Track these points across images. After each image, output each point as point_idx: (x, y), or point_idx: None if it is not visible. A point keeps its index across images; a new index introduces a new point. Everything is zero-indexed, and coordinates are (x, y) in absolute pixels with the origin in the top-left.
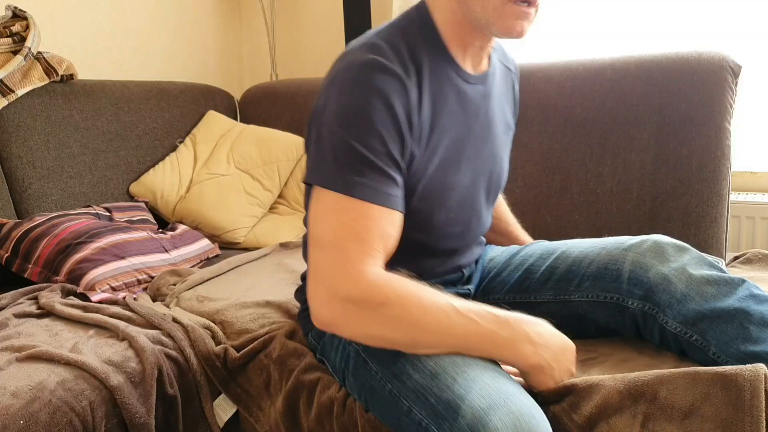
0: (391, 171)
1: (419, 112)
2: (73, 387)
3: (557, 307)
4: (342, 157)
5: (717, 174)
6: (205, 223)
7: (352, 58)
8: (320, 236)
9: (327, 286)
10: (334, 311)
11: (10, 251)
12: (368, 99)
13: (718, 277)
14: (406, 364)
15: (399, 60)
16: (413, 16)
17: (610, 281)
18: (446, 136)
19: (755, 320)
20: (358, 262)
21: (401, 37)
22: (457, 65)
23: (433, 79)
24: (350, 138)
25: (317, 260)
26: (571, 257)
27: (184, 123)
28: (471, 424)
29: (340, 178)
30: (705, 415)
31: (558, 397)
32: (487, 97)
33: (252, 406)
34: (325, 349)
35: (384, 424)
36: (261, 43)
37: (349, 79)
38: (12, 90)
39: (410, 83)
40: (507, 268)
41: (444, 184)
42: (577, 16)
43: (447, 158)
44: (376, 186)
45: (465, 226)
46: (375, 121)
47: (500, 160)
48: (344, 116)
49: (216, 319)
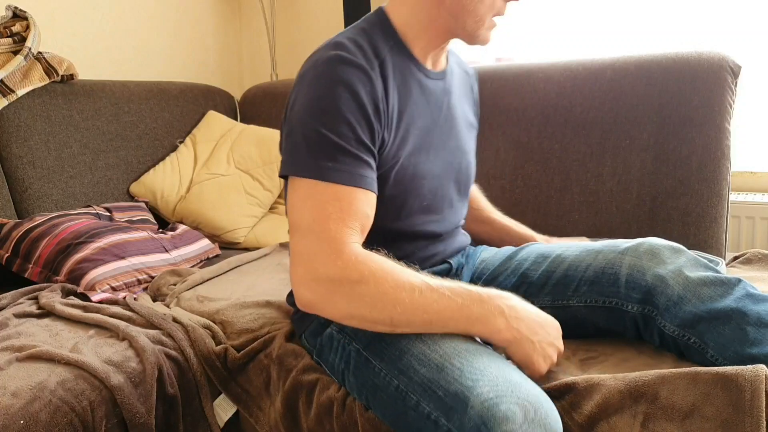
0: (362, 154)
1: (386, 100)
2: (73, 387)
3: (556, 312)
4: (314, 145)
5: (717, 174)
6: (205, 223)
7: (318, 56)
8: (298, 222)
9: (307, 267)
10: (315, 291)
11: (10, 251)
12: (335, 89)
13: (714, 278)
14: (411, 360)
15: (362, 54)
16: (373, 19)
17: (607, 285)
18: (414, 125)
19: (752, 321)
20: (335, 242)
21: (363, 36)
22: (418, 61)
23: (396, 72)
24: (320, 127)
25: (297, 245)
26: (567, 261)
27: (184, 123)
28: (481, 414)
29: (313, 165)
30: (705, 416)
31: (558, 394)
32: (448, 92)
33: (252, 406)
34: (323, 350)
35: (384, 423)
36: (261, 43)
37: (316, 74)
38: (12, 90)
39: (374, 74)
40: (503, 272)
41: (416, 173)
42: (578, 16)
43: (416, 147)
44: (348, 169)
45: (439, 215)
46: (342, 109)
47: (466, 154)
48: (313, 108)
49: (216, 319)
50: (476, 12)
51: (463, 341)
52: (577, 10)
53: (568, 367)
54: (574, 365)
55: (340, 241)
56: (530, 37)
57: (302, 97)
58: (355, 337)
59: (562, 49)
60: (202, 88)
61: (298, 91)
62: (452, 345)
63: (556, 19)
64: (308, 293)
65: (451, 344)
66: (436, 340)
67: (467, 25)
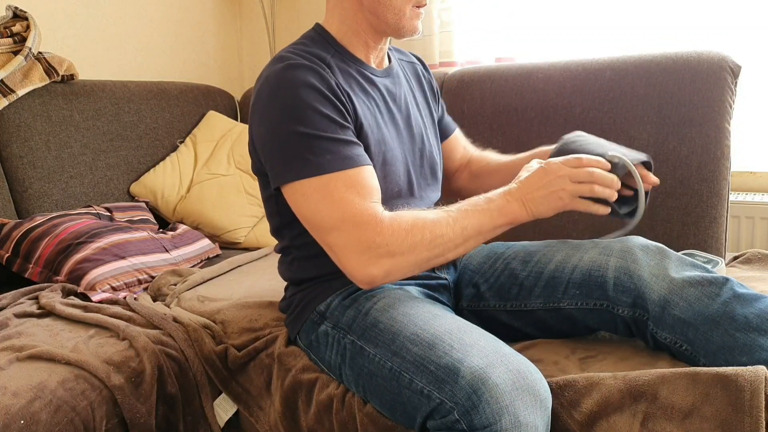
0: (347, 137)
1: (341, 93)
2: (73, 387)
3: (548, 314)
4: (297, 147)
5: (716, 174)
6: (205, 223)
7: (267, 73)
8: (326, 220)
9: (360, 251)
10: (380, 265)
11: (10, 251)
12: (296, 91)
13: (701, 278)
14: (404, 341)
15: (308, 59)
16: (311, 34)
17: (595, 288)
18: (367, 119)
19: (740, 326)
20: (371, 218)
21: (305, 48)
22: (362, 62)
23: (342, 73)
24: (295, 126)
25: (337, 240)
26: (554, 261)
27: (185, 123)
28: (471, 383)
29: (314, 164)
30: (705, 416)
31: (558, 392)
32: (396, 85)
33: (252, 406)
34: (319, 348)
35: (382, 416)
36: (261, 43)
37: (272, 87)
38: (12, 90)
39: (325, 72)
40: (492, 274)
41: (383, 159)
42: (578, 16)
43: (376, 138)
44: (345, 154)
45: (413, 199)
46: (312, 104)
47: (427, 138)
48: (280, 114)
49: (216, 319)
50: (393, 6)
51: (454, 321)
52: (577, 10)
53: (567, 365)
54: (573, 364)
55: (373, 215)
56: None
57: (269, 111)
58: (349, 329)
59: (562, 49)
60: (203, 88)
61: (261, 109)
62: (444, 325)
63: (556, 19)
64: (375, 270)
65: (443, 324)
66: (428, 321)
67: (389, 19)
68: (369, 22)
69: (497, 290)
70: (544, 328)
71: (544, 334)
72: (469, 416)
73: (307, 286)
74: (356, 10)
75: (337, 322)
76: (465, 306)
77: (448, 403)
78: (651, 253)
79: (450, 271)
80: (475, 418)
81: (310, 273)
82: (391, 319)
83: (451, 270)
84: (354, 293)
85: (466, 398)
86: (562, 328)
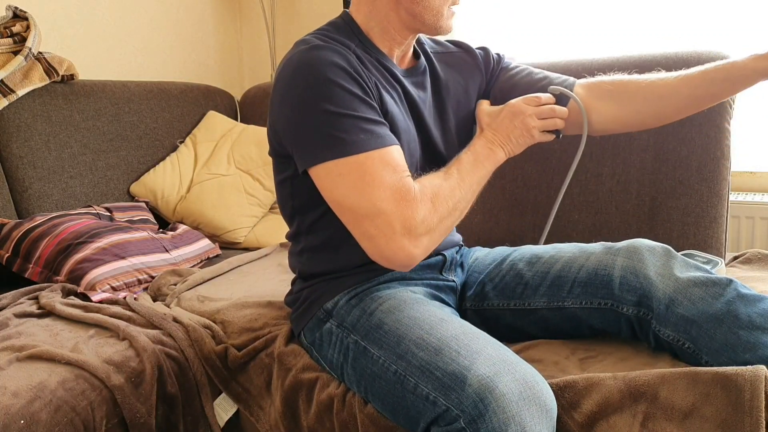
0: (373, 115)
1: (366, 77)
2: (73, 387)
3: (552, 313)
4: (327, 126)
5: (716, 174)
6: (205, 223)
7: (289, 57)
8: (360, 205)
9: (401, 235)
10: (420, 246)
11: (10, 251)
12: (320, 68)
13: (705, 278)
14: (410, 344)
15: (331, 44)
16: (338, 21)
17: (601, 287)
18: (391, 106)
19: (744, 324)
20: (407, 194)
21: (329, 34)
22: (384, 55)
23: (365, 62)
24: (323, 105)
25: (375, 220)
26: (560, 262)
27: (185, 123)
28: (478, 391)
29: (342, 144)
30: (705, 416)
31: (558, 393)
32: (420, 85)
33: (253, 406)
34: (322, 346)
35: (383, 416)
36: (261, 43)
37: (293, 67)
38: (12, 90)
39: (349, 56)
40: (498, 274)
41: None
42: (578, 16)
43: (401, 127)
44: (373, 133)
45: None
46: (335, 80)
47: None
48: (306, 93)
49: (217, 319)
50: (432, 7)
51: (461, 326)
52: (578, 9)
53: (567, 366)
54: (573, 364)
55: (408, 191)
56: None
57: (293, 91)
58: (353, 329)
59: (562, 49)
60: (203, 89)
61: (283, 89)
62: (450, 329)
63: (556, 19)
64: (417, 250)
65: (449, 329)
66: (434, 326)
67: (426, 19)
68: (402, 19)
69: (501, 290)
70: (546, 328)
71: (546, 334)
72: (475, 425)
73: (316, 282)
74: (392, 9)
75: (342, 321)
76: (468, 306)
77: (454, 410)
78: (657, 254)
79: (458, 273)
80: (482, 427)
81: (319, 268)
82: (396, 321)
83: (458, 272)
84: (361, 292)
85: (472, 406)
86: (564, 327)
